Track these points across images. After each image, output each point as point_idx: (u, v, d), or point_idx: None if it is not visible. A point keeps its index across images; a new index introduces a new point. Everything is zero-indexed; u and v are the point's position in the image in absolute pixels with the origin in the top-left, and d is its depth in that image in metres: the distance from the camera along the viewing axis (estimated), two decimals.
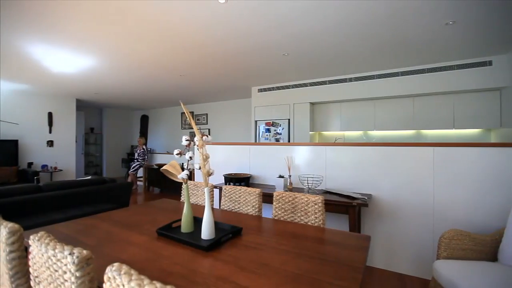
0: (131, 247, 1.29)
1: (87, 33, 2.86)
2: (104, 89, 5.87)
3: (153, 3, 2.24)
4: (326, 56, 3.64)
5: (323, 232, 1.52)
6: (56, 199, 3.04)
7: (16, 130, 6.12)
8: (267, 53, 3.52)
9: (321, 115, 5.24)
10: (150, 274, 1.00)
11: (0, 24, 2.61)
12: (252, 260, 1.14)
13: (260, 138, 5.56)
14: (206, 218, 1.33)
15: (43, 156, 6.56)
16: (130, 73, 4.52)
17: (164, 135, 9.00)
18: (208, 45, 3.22)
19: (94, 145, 9.02)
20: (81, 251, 0.84)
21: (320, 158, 2.90)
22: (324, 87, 4.90)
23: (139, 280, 0.66)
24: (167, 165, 1.50)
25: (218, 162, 3.59)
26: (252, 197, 1.96)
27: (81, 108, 8.10)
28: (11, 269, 1.05)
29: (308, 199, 1.76)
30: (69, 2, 2.20)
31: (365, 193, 2.58)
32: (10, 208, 2.65)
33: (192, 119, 1.38)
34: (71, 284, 0.83)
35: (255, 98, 5.69)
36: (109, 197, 3.57)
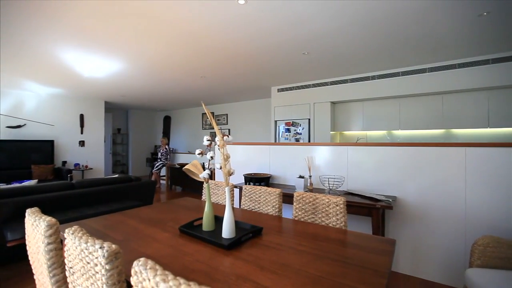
0: (155, 243, 1.34)
1: (114, 39, 3.01)
2: (130, 92, 6.15)
3: (175, 8, 2.30)
4: (347, 54, 3.55)
5: (345, 234, 1.48)
6: (87, 195, 3.23)
7: (52, 131, 6.60)
8: (286, 53, 3.50)
9: (342, 114, 5.11)
10: (173, 270, 1.04)
11: (39, 33, 2.82)
12: (272, 260, 1.14)
13: (280, 138, 5.53)
14: (227, 217, 1.35)
15: (76, 155, 7.01)
16: (153, 76, 4.69)
17: (186, 135, 9.25)
18: (228, 47, 3.26)
19: (121, 145, 9.47)
20: (110, 245, 0.88)
21: (341, 158, 2.83)
22: (346, 86, 4.78)
23: (164, 275, 0.69)
24: (189, 164, 1.54)
25: (238, 162, 3.62)
26: (272, 197, 1.96)
27: (109, 110, 8.55)
28: (49, 259, 1.13)
29: (329, 200, 1.73)
30: (100, 12, 2.33)
31: (389, 195, 2.48)
32: (47, 203, 2.86)
33: (213, 120, 1.40)
34: (101, 276, 0.88)
35: (275, 98, 5.68)
36: (135, 194, 3.73)
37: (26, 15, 2.44)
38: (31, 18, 2.50)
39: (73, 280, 1.03)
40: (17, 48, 3.29)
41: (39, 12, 2.38)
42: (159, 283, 0.66)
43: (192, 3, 2.23)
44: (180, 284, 0.64)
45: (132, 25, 2.65)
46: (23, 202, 2.68)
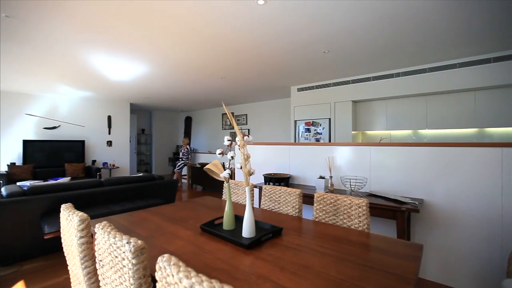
0: (177, 240, 1.38)
1: (140, 43, 3.14)
2: (153, 94, 6.38)
3: (198, 12, 2.36)
4: (370, 51, 3.43)
5: (367, 237, 1.43)
6: (114, 193, 3.40)
7: (83, 131, 7.03)
8: (306, 52, 3.45)
9: (364, 113, 4.95)
10: (194, 267, 1.06)
11: (71, 40, 3.02)
12: (292, 261, 1.13)
13: (300, 138, 5.47)
14: (247, 217, 1.36)
15: (104, 154, 7.40)
16: (176, 78, 4.84)
17: (206, 135, 9.43)
18: (248, 48, 3.28)
19: (145, 145, 9.86)
20: (136, 241, 0.92)
21: (363, 159, 2.75)
22: (368, 84, 4.62)
23: (187, 272, 0.71)
24: (210, 164, 1.57)
25: (258, 162, 3.63)
26: (292, 197, 1.94)
27: (134, 111, 8.94)
28: (81, 252, 1.20)
29: (351, 201, 1.69)
30: (128, 18, 2.45)
31: (415, 198, 2.37)
32: (79, 199, 3.05)
33: (233, 120, 1.42)
34: (128, 270, 0.93)
35: (295, 98, 5.63)
36: (158, 193, 3.86)
37: (58, 24, 2.61)
38: (63, 26, 2.67)
39: (103, 272, 1.09)
40: (53, 55, 3.54)
41: (71, 20, 2.54)
42: (182, 279, 0.68)
43: (214, 6, 2.27)
44: (202, 281, 0.65)
45: (157, 30, 2.75)
46: (58, 198, 2.87)
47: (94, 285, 1.23)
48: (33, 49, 3.33)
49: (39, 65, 3.99)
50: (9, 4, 2.24)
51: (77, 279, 1.35)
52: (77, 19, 2.52)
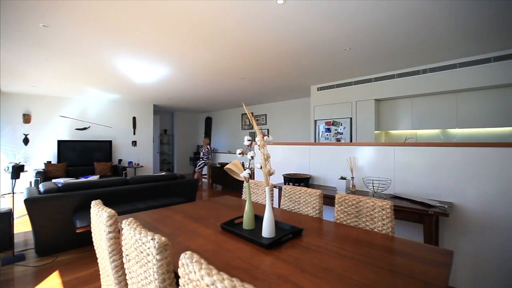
0: (198, 238, 1.42)
1: (164, 47, 3.25)
2: (175, 95, 6.58)
3: (218, 14, 2.40)
4: (394, 48, 3.29)
5: (392, 241, 1.38)
6: (139, 191, 3.54)
7: (110, 132, 7.41)
8: (327, 50, 3.39)
9: (388, 112, 4.76)
10: (215, 265, 1.08)
11: (101, 46, 3.19)
12: (313, 262, 1.12)
13: (320, 138, 5.38)
14: (267, 217, 1.36)
15: (129, 154, 7.75)
16: (196, 79, 4.95)
17: (226, 135, 9.55)
18: (267, 47, 3.28)
19: (167, 145, 10.18)
20: (160, 237, 0.96)
21: (387, 159, 2.64)
22: (392, 82, 4.44)
23: (208, 269, 0.72)
24: (230, 164, 1.59)
25: (277, 162, 3.62)
26: (312, 198, 1.91)
27: (157, 112, 9.27)
28: (109, 246, 1.27)
29: (374, 203, 1.63)
30: (153, 23, 2.54)
31: (444, 201, 2.24)
32: (107, 196, 3.22)
33: (253, 120, 1.43)
34: (152, 265, 0.96)
35: (315, 97, 5.54)
36: (179, 191, 3.97)
37: (89, 31, 2.77)
38: (93, 34, 2.83)
39: (129, 266, 1.14)
40: (84, 61, 3.77)
41: (100, 27, 2.69)
42: (204, 277, 0.70)
43: (234, 7, 2.29)
44: (223, 279, 0.66)
45: (180, 34, 2.83)
46: (88, 194, 3.05)
47: (121, 278, 1.29)
48: (66, 56, 3.56)
49: (72, 70, 4.27)
50: (46, 15, 2.41)
51: (106, 271, 1.43)
52: (106, 26, 2.66)
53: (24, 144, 6.17)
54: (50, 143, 6.51)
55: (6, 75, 4.54)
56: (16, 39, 2.99)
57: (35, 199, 2.68)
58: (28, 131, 6.23)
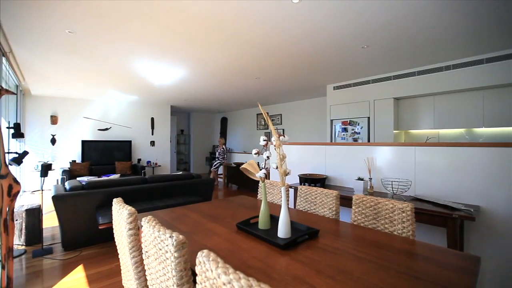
0: (215, 236, 1.44)
1: (180, 49, 3.32)
2: (192, 96, 6.70)
3: (234, 16, 2.42)
4: (415, 44, 3.17)
5: (412, 244, 1.33)
6: (157, 189, 3.64)
7: (130, 132, 7.68)
8: (344, 48, 3.32)
9: (408, 111, 4.59)
10: (231, 264, 1.09)
11: (120, 50, 3.32)
12: (329, 264, 1.10)
13: (336, 138, 5.28)
14: (283, 217, 1.36)
15: (147, 153, 7.99)
16: (212, 80, 5.02)
17: (241, 135, 9.61)
18: (283, 47, 3.26)
19: (184, 145, 10.40)
20: (178, 235, 0.98)
21: (407, 160, 2.55)
22: (412, 79, 4.28)
23: (225, 268, 0.73)
24: (246, 163, 1.60)
25: (293, 162, 3.60)
26: (329, 199, 1.89)
27: (174, 113, 9.49)
28: (130, 243, 1.31)
29: (394, 205, 1.58)
30: (169, 27, 2.61)
31: (469, 204, 2.13)
32: (127, 194, 3.34)
33: (269, 120, 1.43)
34: (171, 262, 0.99)
35: (331, 96, 5.45)
36: (196, 190, 4.05)
37: (111, 36, 2.89)
38: (115, 38, 2.94)
39: (148, 263, 1.17)
40: (106, 64, 3.93)
41: (121, 32, 2.79)
42: (221, 275, 0.71)
43: (249, 7, 2.30)
44: (240, 278, 0.67)
45: (197, 37, 2.88)
46: (110, 192, 3.18)
47: (140, 273, 1.33)
48: (90, 60, 3.73)
49: (94, 73, 4.46)
50: (71, 21, 2.54)
51: (126, 267, 1.48)
52: (127, 32, 2.76)
53: (51, 144, 6.53)
54: (74, 143, 6.84)
55: (36, 79, 4.82)
56: (44, 45, 3.17)
57: (61, 196, 2.83)
58: (55, 131, 6.58)
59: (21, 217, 3.06)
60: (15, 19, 2.50)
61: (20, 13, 2.39)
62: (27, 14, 2.41)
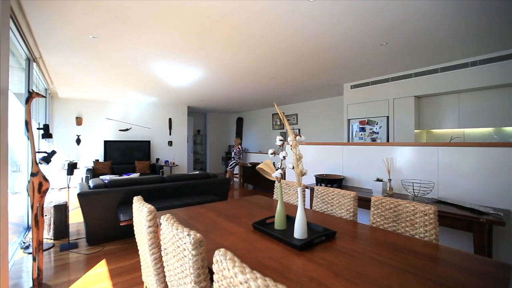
0: (231, 236, 1.45)
1: (198, 50, 3.38)
2: (208, 96, 6.80)
3: (250, 16, 2.43)
4: (437, 39, 3.03)
5: (436, 249, 1.28)
6: (175, 188, 3.73)
7: (148, 133, 7.92)
8: (361, 46, 3.23)
9: (430, 110, 4.40)
10: (247, 263, 1.10)
11: (140, 53, 3.43)
12: (347, 267, 1.08)
13: (354, 138, 5.16)
14: (299, 218, 1.35)
15: (165, 153, 8.20)
16: (228, 80, 5.06)
17: (257, 135, 9.62)
18: (299, 46, 3.23)
19: (200, 145, 10.57)
20: (195, 234, 1.00)
21: (429, 160, 2.45)
22: (435, 77, 4.09)
23: (241, 267, 0.74)
24: (262, 163, 1.60)
25: (309, 162, 3.56)
26: (346, 200, 1.85)
27: (191, 113, 9.67)
28: (149, 240, 1.36)
29: (415, 208, 1.52)
30: (187, 29, 2.67)
31: (498, 208, 2.01)
32: (146, 192, 3.44)
33: (285, 120, 1.42)
34: (188, 260, 1.01)
35: (348, 95, 5.33)
36: (212, 190, 4.10)
37: (131, 41, 2.99)
38: (135, 42, 3.05)
39: (167, 259, 1.21)
40: (127, 67, 4.07)
41: (141, 36, 2.88)
42: (238, 274, 0.72)
43: (265, 7, 2.30)
44: (256, 278, 0.67)
45: (214, 38, 2.92)
46: (130, 190, 3.29)
47: (159, 270, 1.37)
48: (112, 63, 3.88)
49: (116, 76, 4.64)
50: (95, 27, 2.66)
51: (146, 263, 1.53)
52: (147, 36, 2.84)
53: (76, 144, 6.87)
54: (97, 143, 7.15)
55: (63, 82, 5.10)
56: (70, 50, 3.34)
57: (86, 193, 2.97)
58: (80, 132, 6.92)
59: (49, 212, 3.25)
60: (44, 27, 2.65)
61: (49, 22, 2.54)
62: (55, 22, 2.55)
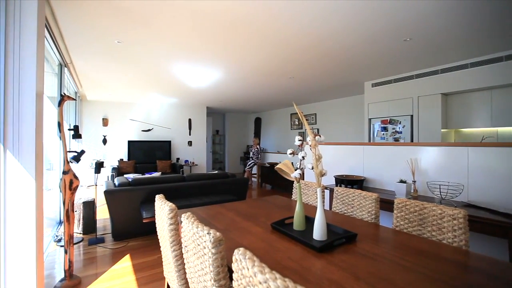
0: (249, 235, 1.46)
1: (217, 52, 3.43)
2: (227, 97, 6.89)
3: (267, 15, 2.43)
4: (467, 33, 2.85)
5: (466, 255, 1.20)
6: (194, 187, 3.82)
7: (169, 133, 8.16)
8: (383, 42, 3.12)
9: (458, 108, 4.15)
10: (266, 263, 1.09)
11: (162, 56, 3.54)
12: (369, 271, 1.05)
13: (375, 138, 5.00)
14: (319, 219, 1.33)
15: (185, 153, 8.41)
16: (246, 81, 5.09)
17: (275, 135, 9.60)
18: (317, 44, 3.18)
19: (219, 145, 10.72)
20: (215, 232, 1.02)
21: (458, 162, 2.32)
22: (464, 72, 3.85)
23: (261, 267, 0.74)
24: (281, 163, 1.60)
25: (328, 162, 3.49)
26: (368, 201, 1.80)
27: (209, 114, 9.84)
28: (171, 237, 1.40)
29: (443, 211, 1.45)
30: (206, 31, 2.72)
31: None
32: (167, 191, 3.55)
33: (304, 120, 1.41)
34: (208, 258, 1.03)
35: (369, 94, 5.17)
36: (230, 189, 4.15)
37: (154, 44, 3.10)
38: (157, 45, 3.15)
39: (187, 257, 1.24)
40: (150, 70, 4.23)
41: (162, 39, 2.98)
42: (257, 274, 0.72)
43: (282, 6, 2.29)
44: (276, 278, 0.67)
45: (232, 39, 2.95)
46: (152, 189, 3.41)
47: (180, 266, 1.41)
48: (135, 66, 4.05)
49: (139, 78, 4.83)
50: (119, 32, 2.78)
51: (167, 259, 1.58)
52: (169, 39, 2.93)
53: (103, 143, 7.23)
54: (122, 143, 7.49)
55: (91, 86, 5.39)
56: (97, 55, 3.52)
57: (112, 191, 3.12)
58: (106, 132, 7.28)
59: (79, 208, 3.44)
60: (74, 33, 2.81)
61: (79, 29, 2.69)
62: (84, 29, 2.70)
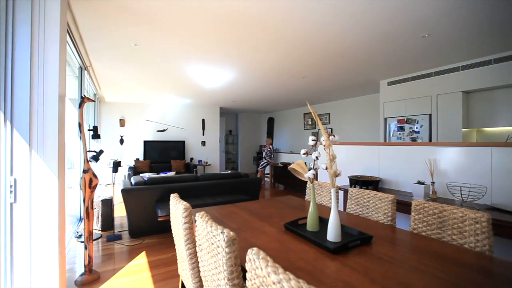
0: (263, 235, 1.46)
1: (229, 53, 3.46)
2: (240, 97, 6.92)
3: (280, 15, 2.42)
4: (490, 27, 2.72)
5: (490, 261, 1.15)
6: (208, 187, 3.86)
7: (183, 133, 8.31)
8: (400, 39, 3.03)
9: (481, 106, 3.96)
10: (279, 264, 1.09)
11: (177, 58, 3.61)
12: (385, 274, 1.02)
13: (391, 138, 4.86)
14: (333, 220, 1.31)
15: (199, 153, 8.53)
16: (259, 81, 5.10)
17: (288, 135, 9.55)
18: (331, 42, 3.14)
19: (232, 145, 10.79)
20: (229, 232, 1.02)
21: (481, 162, 2.21)
22: (487, 69, 3.67)
23: (274, 267, 0.74)
24: (295, 164, 1.59)
25: (342, 163, 3.44)
26: (383, 203, 1.75)
27: (223, 114, 9.93)
28: (185, 235, 1.42)
29: (464, 214, 1.39)
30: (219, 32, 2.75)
31: None
32: (181, 190, 3.61)
33: (318, 119, 1.39)
34: (222, 257, 1.04)
35: (384, 93, 5.03)
36: (243, 189, 4.16)
37: (169, 46, 3.16)
38: (172, 47, 3.22)
39: (201, 255, 1.25)
40: (165, 71, 4.32)
41: (177, 41, 3.03)
42: (271, 274, 0.72)
43: (295, 5, 2.28)
44: (290, 279, 0.67)
45: (245, 40, 2.97)
46: (167, 188, 3.48)
47: (194, 264, 1.43)
48: (151, 68, 4.15)
49: (155, 80, 4.95)
50: (136, 35, 2.86)
51: (182, 257, 1.61)
52: (184, 41, 2.99)
53: (120, 144, 7.46)
54: (138, 143, 7.70)
55: (109, 88, 5.58)
56: (115, 58, 3.64)
57: (128, 189, 3.21)
58: (123, 133, 7.51)
59: (98, 206, 3.57)
60: (94, 37, 2.92)
61: (98, 32, 2.79)
62: (103, 32, 2.80)
